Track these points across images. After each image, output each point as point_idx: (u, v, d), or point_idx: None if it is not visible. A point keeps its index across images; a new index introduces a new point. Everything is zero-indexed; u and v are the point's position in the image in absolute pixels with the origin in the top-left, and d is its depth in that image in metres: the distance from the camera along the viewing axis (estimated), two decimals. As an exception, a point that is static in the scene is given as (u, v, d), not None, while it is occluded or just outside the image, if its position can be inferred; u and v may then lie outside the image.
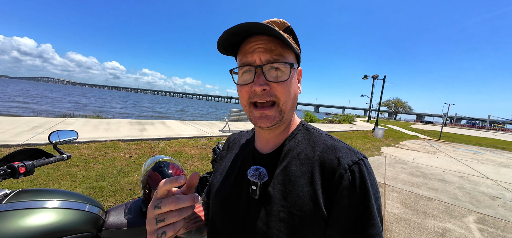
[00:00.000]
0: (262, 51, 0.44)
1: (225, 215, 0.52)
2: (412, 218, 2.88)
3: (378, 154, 7.27)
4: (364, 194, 0.41)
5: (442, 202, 3.49)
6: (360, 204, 0.41)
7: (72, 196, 0.96)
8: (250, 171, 0.50)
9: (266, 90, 0.45)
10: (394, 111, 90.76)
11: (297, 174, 0.46)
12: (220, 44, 0.46)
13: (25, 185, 2.62)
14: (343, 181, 0.42)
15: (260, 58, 0.44)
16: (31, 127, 5.15)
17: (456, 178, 4.98)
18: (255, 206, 0.48)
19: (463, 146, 12.24)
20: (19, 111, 13.44)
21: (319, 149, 0.48)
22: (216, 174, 0.64)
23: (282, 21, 0.48)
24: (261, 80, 0.44)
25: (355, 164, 0.43)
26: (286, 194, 0.45)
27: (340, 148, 0.47)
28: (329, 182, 0.43)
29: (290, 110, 0.49)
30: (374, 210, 0.41)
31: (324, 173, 0.44)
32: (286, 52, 0.46)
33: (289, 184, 0.46)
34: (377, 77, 23.58)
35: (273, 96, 0.45)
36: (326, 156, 0.46)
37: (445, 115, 17.46)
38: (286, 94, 0.46)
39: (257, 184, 0.48)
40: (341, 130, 13.51)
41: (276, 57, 0.44)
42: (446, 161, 6.94)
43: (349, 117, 23.85)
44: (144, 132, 6.07)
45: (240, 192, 0.52)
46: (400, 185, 4.16)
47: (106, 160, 3.76)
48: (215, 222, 0.55)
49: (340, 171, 0.43)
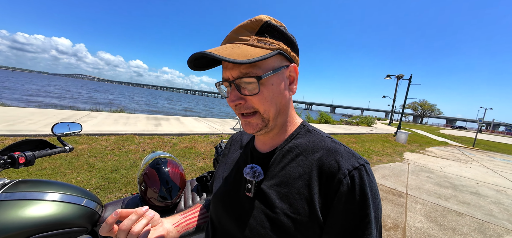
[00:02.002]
0: (230, 67, 0.43)
1: (223, 211, 0.54)
2: (438, 234, 2.57)
3: (400, 160, 6.73)
4: (363, 201, 0.40)
5: (475, 218, 3.09)
6: (358, 211, 0.40)
7: (70, 189, 0.95)
8: (246, 169, 0.51)
9: (242, 104, 0.45)
10: (420, 115, 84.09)
11: (294, 176, 0.46)
12: (191, 63, 0.45)
13: (47, 173, 2.82)
14: (341, 186, 0.41)
15: (231, 74, 0.44)
16: (60, 118, 5.61)
17: (492, 192, 4.41)
18: (250, 204, 0.48)
19: (501, 155, 10.90)
20: (56, 103, 14.92)
21: (319, 151, 0.47)
22: (218, 170, 0.66)
23: (256, 20, 0.44)
24: (233, 96, 0.45)
25: (355, 169, 0.42)
26: (281, 195, 0.45)
27: (341, 151, 0.45)
28: (327, 186, 0.42)
29: (277, 116, 0.47)
30: (372, 219, 0.40)
31: (322, 177, 0.43)
32: (256, 64, 0.42)
33: (285, 185, 0.46)
34: (402, 77, 21.96)
35: (251, 108, 0.45)
36: (326, 159, 0.45)
37: (480, 120, 15.68)
38: (265, 104, 0.45)
39: (252, 182, 0.48)
40: (358, 132, 12.82)
41: (245, 72, 0.42)
42: (480, 172, 6.21)
43: (368, 119, 22.59)
44: (159, 127, 6.30)
45: (237, 189, 0.53)
46: (424, 196, 3.78)
47: (122, 152, 3.93)
48: (213, 217, 0.57)
49: (339, 176, 0.41)
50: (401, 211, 3.10)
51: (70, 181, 2.71)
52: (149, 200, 1.07)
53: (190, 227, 0.63)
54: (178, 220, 0.61)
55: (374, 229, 0.40)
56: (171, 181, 1.08)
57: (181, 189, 1.13)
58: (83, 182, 2.71)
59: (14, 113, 5.53)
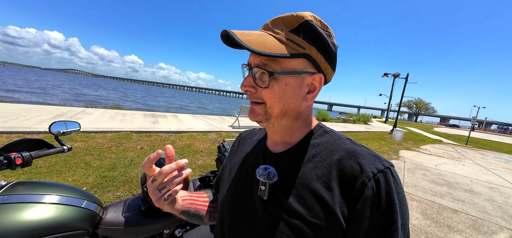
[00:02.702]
0: (254, 54, 0.42)
1: (233, 212, 0.52)
2: (434, 231, 2.62)
3: (396, 157, 6.83)
4: (390, 206, 0.38)
5: (469, 215, 3.17)
6: (384, 217, 0.38)
7: (70, 191, 0.93)
8: (259, 170, 0.47)
9: (252, 92, 0.45)
10: (415, 113, 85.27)
11: (312, 178, 0.44)
12: (223, 38, 0.43)
13: (43, 171, 2.76)
14: (366, 190, 0.38)
15: (254, 61, 0.44)
16: (54, 115, 5.49)
17: (485, 189, 4.51)
18: (263, 207, 0.46)
19: (494, 153, 11.17)
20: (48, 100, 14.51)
21: (338, 152, 0.45)
22: (225, 169, 0.63)
23: (296, 16, 0.42)
24: (246, 81, 0.45)
25: (380, 172, 0.40)
26: (297, 198, 0.43)
27: (363, 153, 0.43)
28: (349, 190, 0.40)
29: (281, 117, 0.46)
30: (399, 227, 0.37)
31: (343, 180, 0.41)
32: (275, 61, 0.42)
33: (302, 187, 0.43)
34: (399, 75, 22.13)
35: (259, 99, 0.45)
36: (347, 161, 0.42)
37: (474, 118, 16.01)
38: (272, 100, 0.44)
39: (266, 184, 0.46)
40: (355, 130, 12.94)
41: (264, 63, 0.42)
42: (474, 169, 6.35)
43: (364, 117, 22.80)
44: (157, 124, 6.22)
45: (249, 190, 0.51)
46: (420, 194, 3.85)
47: (119, 150, 3.88)
48: (223, 218, 0.55)
49: (362, 179, 0.39)
50: (398, 208, 3.16)
51: (66, 179, 2.66)
52: (151, 201, 1.05)
53: (192, 207, 0.61)
54: (185, 195, 0.60)
55: (403, 236, 0.38)
56: None
57: (185, 190, 1.11)
58: (80, 181, 2.67)
59: (7, 109, 5.39)
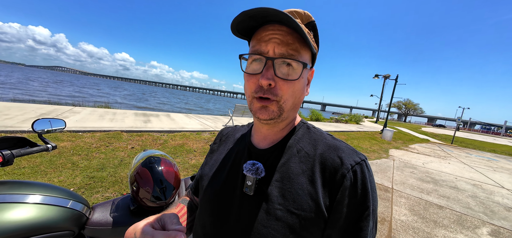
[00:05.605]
0: (278, 42, 0.41)
1: (216, 211, 0.50)
2: (421, 227, 2.72)
3: (386, 156, 7.01)
4: (365, 195, 0.42)
5: (454, 211, 3.30)
6: (360, 204, 0.41)
7: (54, 191, 0.89)
8: (246, 165, 0.48)
9: (272, 86, 0.42)
10: (404, 113, 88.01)
11: (297, 172, 0.45)
12: (235, 26, 0.43)
13: (26, 172, 2.64)
14: (345, 180, 0.42)
15: (274, 50, 0.41)
16: (39, 114, 5.26)
17: (469, 186, 4.72)
18: (249, 203, 0.46)
19: (477, 152, 11.69)
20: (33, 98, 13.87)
21: (320, 147, 0.47)
22: (205, 167, 0.61)
23: (306, 14, 0.45)
24: (269, 74, 0.41)
25: (357, 164, 0.43)
26: (284, 192, 0.44)
27: (342, 147, 0.46)
28: (330, 181, 0.43)
29: (290, 110, 0.46)
30: (370, 212, 0.42)
31: (325, 172, 0.44)
32: (303, 50, 0.43)
33: (287, 181, 0.45)
34: (389, 77, 22.77)
35: (276, 96, 0.43)
36: (328, 155, 0.45)
37: (459, 119, 16.70)
38: (289, 94, 0.44)
39: (253, 179, 0.46)
40: (347, 130, 13.18)
41: (292, 53, 0.41)
42: (458, 167, 6.62)
43: (356, 117, 23.28)
44: (148, 123, 6.09)
45: (232, 187, 0.50)
46: (408, 191, 3.97)
47: (108, 150, 3.76)
48: (204, 218, 0.52)
49: (342, 171, 0.42)
50: (387, 205, 3.24)
51: (52, 180, 2.56)
52: (141, 201, 1.03)
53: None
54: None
55: (375, 221, 0.44)
56: (165, 180, 1.04)
57: (176, 189, 1.09)
58: (66, 182, 2.57)
59: (-13, 108, 5.12)
